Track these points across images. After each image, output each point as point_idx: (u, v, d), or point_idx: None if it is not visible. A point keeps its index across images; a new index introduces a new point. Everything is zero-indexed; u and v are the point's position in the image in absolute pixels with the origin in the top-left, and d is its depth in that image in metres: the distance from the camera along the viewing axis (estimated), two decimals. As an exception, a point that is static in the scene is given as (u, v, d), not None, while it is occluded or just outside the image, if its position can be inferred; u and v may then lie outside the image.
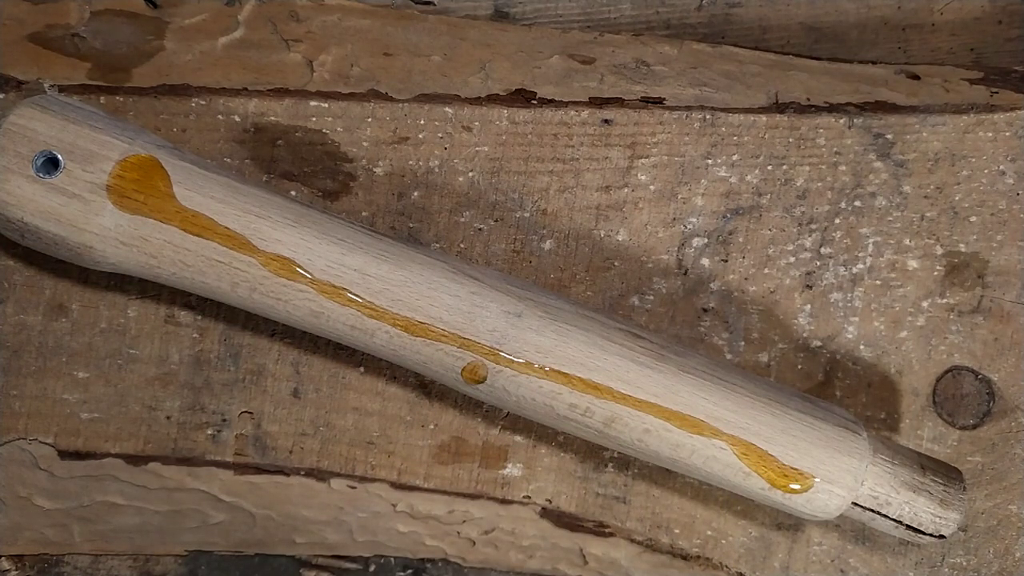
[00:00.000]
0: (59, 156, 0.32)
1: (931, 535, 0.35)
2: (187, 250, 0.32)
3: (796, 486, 0.33)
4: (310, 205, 0.34)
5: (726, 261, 0.40)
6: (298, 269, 0.32)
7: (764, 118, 0.40)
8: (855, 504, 0.34)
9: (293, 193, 0.39)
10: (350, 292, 0.33)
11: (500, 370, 0.33)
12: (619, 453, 0.40)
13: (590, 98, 0.39)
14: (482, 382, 0.33)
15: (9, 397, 0.38)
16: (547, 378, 0.33)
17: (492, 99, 0.39)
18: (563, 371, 0.33)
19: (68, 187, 0.32)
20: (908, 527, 0.35)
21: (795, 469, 0.33)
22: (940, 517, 0.34)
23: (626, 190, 0.40)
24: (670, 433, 0.33)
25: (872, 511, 0.34)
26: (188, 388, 0.38)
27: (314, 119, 0.39)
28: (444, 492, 0.40)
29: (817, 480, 0.33)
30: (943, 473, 0.35)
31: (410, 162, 0.39)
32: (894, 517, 0.34)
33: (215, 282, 0.33)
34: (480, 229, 0.39)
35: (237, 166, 0.38)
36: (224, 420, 0.39)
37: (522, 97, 0.39)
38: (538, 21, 0.45)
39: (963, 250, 0.41)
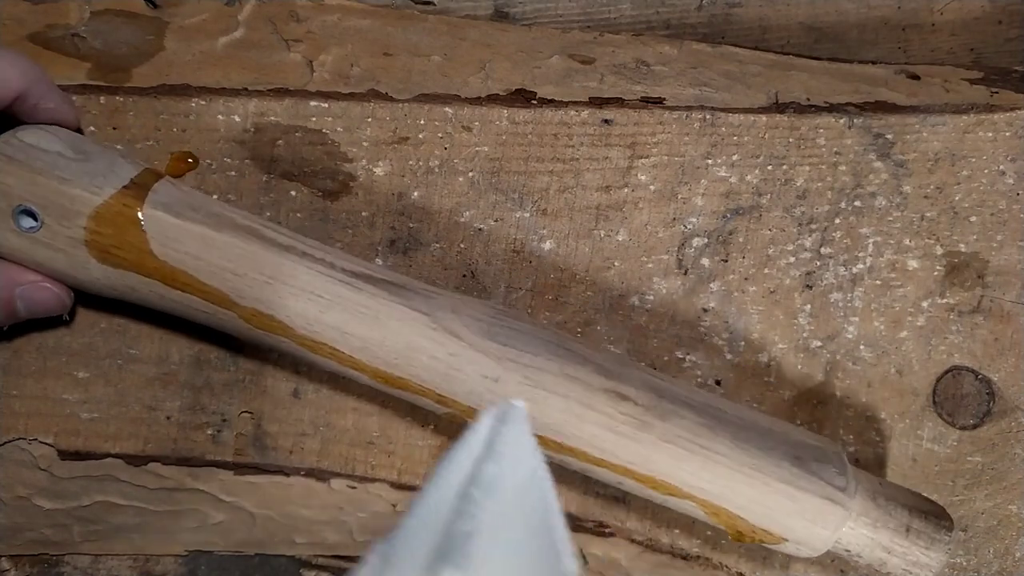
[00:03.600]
0: (35, 210, 0.32)
1: None
2: (173, 301, 0.33)
3: (765, 540, 0.34)
4: (289, 247, 0.33)
5: (726, 261, 0.40)
6: (277, 324, 0.33)
7: (764, 118, 0.40)
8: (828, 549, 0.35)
9: (293, 193, 0.39)
10: (329, 347, 0.33)
11: None
12: (619, 453, 0.40)
13: (590, 98, 0.39)
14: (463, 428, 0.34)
15: (9, 397, 0.38)
16: None
17: (492, 99, 0.39)
18: (539, 435, 0.33)
19: (51, 241, 0.32)
20: (878, 571, 0.35)
21: (764, 530, 0.34)
22: (912, 573, 0.34)
23: (626, 190, 0.40)
24: (644, 490, 0.34)
25: (845, 555, 0.35)
26: (188, 388, 0.38)
27: (314, 119, 0.39)
28: (444, 492, 0.40)
29: (787, 541, 0.34)
30: (927, 533, 0.34)
31: (410, 162, 0.39)
32: (864, 565, 0.35)
33: (205, 323, 0.34)
34: (480, 229, 0.39)
35: (237, 166, 0.38)
36: (224, 420, 0.39)
37: (522, 97, 0.39)
38: (538, 21, 0.45)
39: (963, 250, 0.41)
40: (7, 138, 0.33)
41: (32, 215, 0.32)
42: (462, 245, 0.39)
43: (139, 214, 0.32)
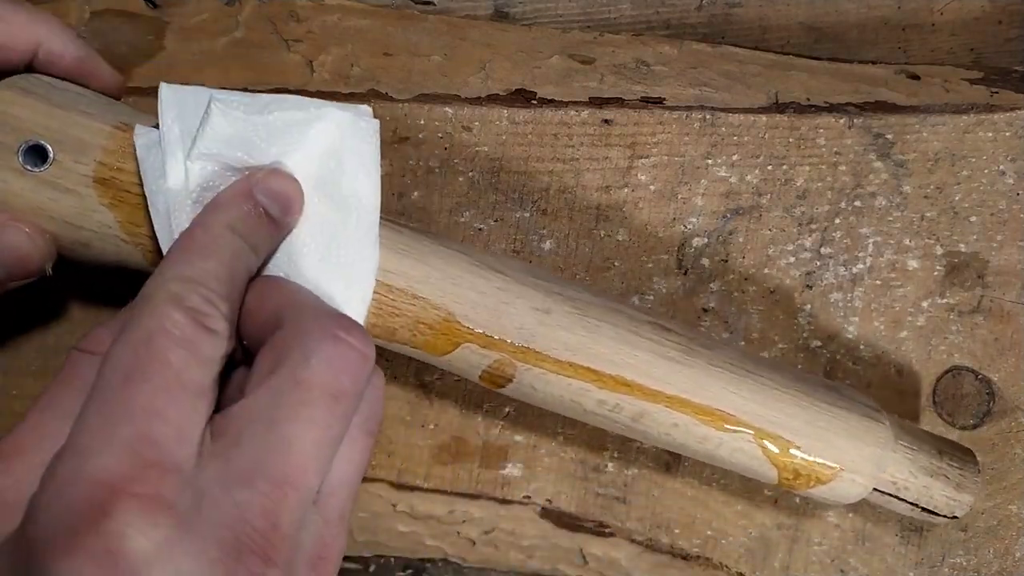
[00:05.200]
0: (46, 145, 0.29)
1: (945, 516, 0.35)
2: None
3: (820, 476, 0.33)
4: None
5: (726, 261, 0.40)
6: None
7: (764, 118, 0.40)
8: (875, 490, 0.34)
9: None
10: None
11: (528, 368, 0.32)
12: (619, 453, 0.40)
13: (590, 98, 0.39)
14: (510, 380, 0.32)
15: (9, 397, 0.38)
16: (576, 376, 0.32)
17: (492, 99, 0.39)
18: (592, 368, 0.32)
19: (59, 180, 0.29)
20: (924, 509, 0.35)
21: (820, 461, 0.33)
22: (955, 500, 0.35)
23: (626, 190, 0.40)
24: (698, 427, 0.33)
25: (890, 495, 0.35)
26: (188, 388, 0.38)
27: (314, 119, 0.38)
28: (444, 492, 0.40)
29: (842, 471, 0.33)
30: (959, 457, 0.36)
31: (410, 162, 0.39)
32: (911, 501, 0.35)
33: None
34: (480, 229, 0.39)
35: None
36: (224, 420, 0.39)
37: (522, 97, 0.39)
38: (538, 21, 0.45)
39: (963, 250, 0.41)
40: (23, 75, 0.30)
41: (42, 154, 0.29)
42: (462, 245, 0.39)
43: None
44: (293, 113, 0.28)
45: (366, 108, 0.30)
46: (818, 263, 0.40)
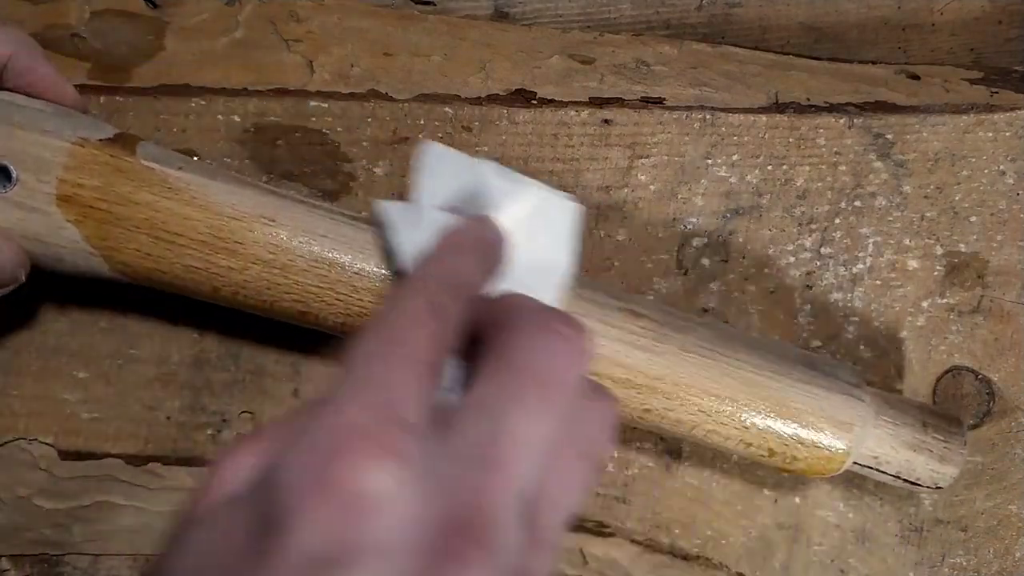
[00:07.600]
0: (10, 167, 0.30)
1: (927, 487, 0.36)
2: (155, 257, 0.31)
3: (796, 455, 0.34)
4: (285, 195, 0.32)
5: (726, 261, 0.40)
6: (280, 275, 0.32)
7: (764, 118, 0.40)
8: (854, 463, 0.35)
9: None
10: (334, 292, 0.32)
11: None
12: (619, 453, 0.40)
13: (590, 98, 0.39)
14: None
15: (9, 397, 0.38)
16: None
17: (492, 99, 0.39)
18: None
19: (26, 200, 0.30)
20: (906, 481, 0.36)
21: (796, 439, 0.34)
22: (938, 472, 0.35)
23: (626, 190, 0.40)
24: (671, 412, 0.33)
25: (870, 468, 0.35)
26: (188, 388, 0.38)
27: (314, 119, 0.39)
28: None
29: (818, 449, 0.34)
30: (944, 428, 0.36)
31: (410, 162, 0.39)
32: (892, 473, 0.35)
33: (181, 282, 0.32)
34: (480, 229, 0.39)
35: (237, 166, 0.38)
36: (224, 420, 0.39)
37: (522, 97, 0.39)
38: (538, 21, 0.45)
39: (963, 250, 0.41)
40: None
41: (6, 175, 0.30)
42: (462, 245, 0.39)
43: (131, 161, 0.31)
44: (506, 180, 0.30)
45: (568, 195, 0.31)
46: (818, 263, 0.40)
